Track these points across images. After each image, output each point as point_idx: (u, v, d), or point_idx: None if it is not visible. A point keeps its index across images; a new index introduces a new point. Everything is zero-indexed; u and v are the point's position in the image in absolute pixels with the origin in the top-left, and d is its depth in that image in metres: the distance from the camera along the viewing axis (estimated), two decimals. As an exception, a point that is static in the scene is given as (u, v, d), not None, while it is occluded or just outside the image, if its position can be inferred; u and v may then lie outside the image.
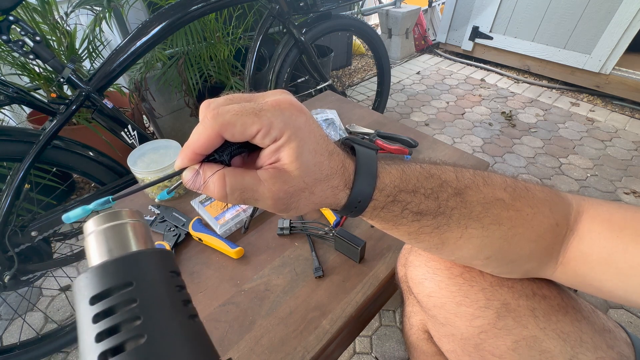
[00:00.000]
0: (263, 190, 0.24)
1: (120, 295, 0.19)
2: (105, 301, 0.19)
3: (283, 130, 0.23)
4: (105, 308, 0.18)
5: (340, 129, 0.94)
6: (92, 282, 0.19)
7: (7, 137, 0.80)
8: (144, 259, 0.21)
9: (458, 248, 0.32)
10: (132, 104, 1.46)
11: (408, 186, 0.29)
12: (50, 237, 0.92)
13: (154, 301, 0.20)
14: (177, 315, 0.20)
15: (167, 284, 0.21)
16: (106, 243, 0.22)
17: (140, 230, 0.23)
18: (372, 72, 2.56)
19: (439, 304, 0.41)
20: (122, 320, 0.18)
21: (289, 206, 0.26)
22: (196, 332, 0.21)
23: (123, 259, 0.20)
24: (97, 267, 0.20)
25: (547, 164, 1.62)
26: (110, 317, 0.18)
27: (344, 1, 1.40)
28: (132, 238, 0.22)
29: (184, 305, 0.21)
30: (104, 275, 0.19)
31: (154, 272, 0.21)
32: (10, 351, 0.87)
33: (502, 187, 0.32)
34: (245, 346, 0.50)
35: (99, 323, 0.18)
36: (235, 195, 0.24)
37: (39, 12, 1.19)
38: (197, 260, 0.63)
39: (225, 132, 0.23)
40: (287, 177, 0.24)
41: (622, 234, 0.29)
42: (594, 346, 0.34)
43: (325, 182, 0.26)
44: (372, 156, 0.29)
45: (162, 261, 0.22)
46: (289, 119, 0.23)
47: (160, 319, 0.19)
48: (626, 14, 1.81)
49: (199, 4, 0.99)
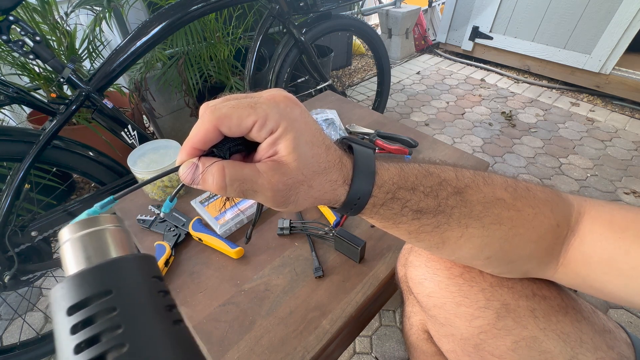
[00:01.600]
0: (262, 181, 0.24)
1: (99, 304, 0.18)
2: (83, 311, 0.18)
3: (279, 121, 0.24)
4: (84, 318, 0.18)
5: (340, 129, 0.94)
6: (69, 291, 0.18)
7: (7, 137, 0.80)
8: (124, 265, 0.20)
9: (459, 247, 0.32)
10: (132, 104, 1.46)
11: (407, 183, 0.29)
12: (50, 237, 0.92)
13: (135, 308, 0.19)
14: (161, 321, 0.19)
15: (149, 290, 0.20)
16: (84, 251, 0.21)
17: (119, 236, 0.22)
18: (372, 72, 2.56)
19: (438, 304, 0.41)
20: (102, 330, 0.17)
21: (288, 199, 0.26)
22: (181, 337, 0.20)
23: (101, 266, 0.20)
24: (73, 276, 0.19)
25: (547, 164, 1.62)
26: (89, 327, 0.17)
27: (344, 1, 1.40)
28: (111, 244, 0.22)
29: (167, 310, 0.20)
30: (81, 284, 0.19)
31: (135, 278, 0.20)
32: (10, 351, 0.87)
33: (502, 187, 0.32)
34: (245, 346, 0.50)
35: (78, 334, 0.17)
36: (235, 186, 0.24)
37: (39, 12, 1.19)
38: (197, 260, 0.63)
39: (222, 125, 0.23)
40: (285, 169, 0.25)
41: (623, 235, 0.28)
42: (594, 347, 0.34)
43: (324, 175, 0.26)
44: (369, 154, 0.29)
45: (144, 267, 0.21)
46: (284, 111, 0.24)
47: (142, 326, 0.18)
48: (626, 14, 1.81)
49: (199, 4, 0.99)
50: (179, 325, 0.20)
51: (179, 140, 0.74)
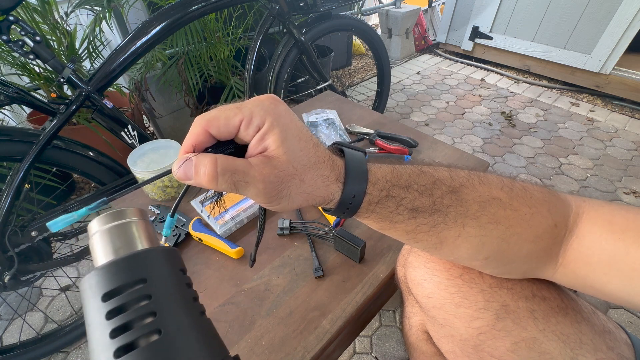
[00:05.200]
0: (254, 173, 0.25)
1: (134, 292, 0.19)
2: (118, 298, 0.19)
3: (264, 117, 0.25)
4: (118, 305, 0.18)
5: (340, 129, 0.94)
6: (103, 279, 0.19)
7: (7, 137, 0.80)
8: (154, 256, 0.21)
9: (456, 247, 0.32)
10: (132, 104, 1.46)
11: (400, 181, 0.29)
12: (50, 237, 0.92)
13: (168, 297, 0.20)
14: (190, 311, 0.20)
15: (179, 281, 0.21)
16: (112, 242, 0.21)
17: (145, 229, 0.23)
18: (372, 72, 2.56)
19: (438, 305, 0.41)
20: (137, 316, 0.18)
21: (280, 193, 0.26)
22: (207, 328, 0.21)
23: (134, 255, 0.20)
24: (108, 264, 0.20)
25: (547, 164, 1.62)
26: (124, 313, 0.18)
27: (344, 1, 1.40)
28: (138, 237, 0.23)
29: (194, 301, 0.21)
30: (116, 272, 0.19)
31: (165, 269, 0.21)
32: (10, 351, 0.87)
33: (498, 187, 0.32)
34: (245, 346, 0.50)
35: (114, 319, 0.18)
36: (226, 177, 0.25)
37: (39, 12, 1.19)
38: (197, 260, 0.63)
39: (211, 126, 0.25)
40: (276, 162, 0.25)
41: (623, 235, 0.28)
42: (594, 348, 0.34)
43: (315, 169, 0.27)
44: (360, 156, 0.30)
45: (172, 259, 0.22)
46: (268, 107, 0.26)
47: (175, 315, 0.19)
48: (626, 14, 1.81)
49: (199, 4, 0.99)
50: (204, 316, 0.21)
51: (179, 140, 0.74)
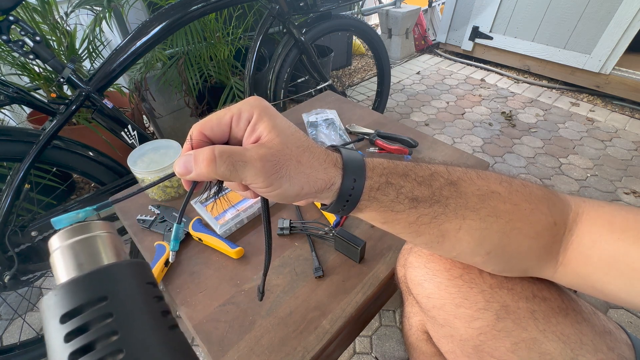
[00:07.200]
0: (251, 153, 0.26)
1: (95, 311, 0.18)
2: (77, 318, 0.17)
3: (252, 110, 0.27)
4: (78, 325, 0.17)
5: (340, 129, 0.94)
6: (62, 299, 0.18)
7: (7, 137, 0.80)
8: (118, 271, 0.20)
9: (458, 241, 0.32)
10: (132, 104, 1.46)
11: (397, 169, 0.30)
12: (51, 237, 0.92)
13: (131, 314, 0.19)
14: (157, 327, 0.19)
15: (144, 296, 0.20)
16: (75, 258, 0.20)
17: (111, 242, 0.22)
18: (372, 72, 2.56)
19: (438, 305, 0.41)
20: (98, 336, 0.17)
21: (279, 172, 0.27)
22: (177, 343, 0.20)
23: (95, 272, 0.19)
24: (67, 283, 0.19)
25: (547, 164, 1.62)
26: (84, 335, 0.17)
27: (344, 1, 1.40)
28: (102, 251, 0.21)
29: (163, 316, 0.20)
30: (75, 291, 0.18)
31: (130, 284, 0.20)
32: (10, 351, 0.87)
33: (497, 182, 0.32)
34: (245, 346, 0.50)
35: (72, 342, 0.17)
36: (224, 158, 0.26)
37: (39, 12, 1.19)
38: (197, 260, 0.63)
39: (205, 127, 0.28)
40: (270, 144, 0.27)
41: (623, 235, 0.28)
42: (594, 348, 0.34)
43: (309, 152, 0.28)
44: (356, 153, 0.31)
45: (138, 273, 0.21)
46: (254, 102, 0.28)
47: (139, 332, 0.18)
48: (626, 14, 1.81)
49: (199, 4, 0.99)
50: (175, 330, 0.20)
51: (179, 140, 0.74)
